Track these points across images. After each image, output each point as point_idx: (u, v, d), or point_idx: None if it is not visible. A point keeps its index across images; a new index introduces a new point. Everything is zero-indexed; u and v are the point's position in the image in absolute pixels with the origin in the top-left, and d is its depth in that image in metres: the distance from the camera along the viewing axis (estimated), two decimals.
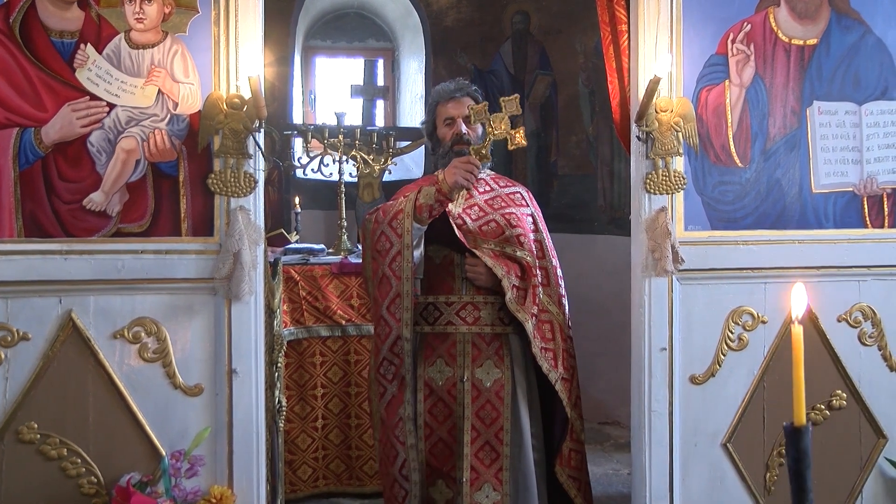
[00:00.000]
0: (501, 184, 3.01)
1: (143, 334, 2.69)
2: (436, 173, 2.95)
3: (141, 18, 2.67)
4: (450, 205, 2.84)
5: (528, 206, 2.97)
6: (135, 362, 2.69)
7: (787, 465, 1.26)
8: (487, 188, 2.97)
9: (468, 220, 2.84)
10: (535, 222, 2.94)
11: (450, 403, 2.82)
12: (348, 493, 3.94)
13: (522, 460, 2.84)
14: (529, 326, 2.76)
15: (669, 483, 2.95)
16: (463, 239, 2.80)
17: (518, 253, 2.81)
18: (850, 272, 3.04)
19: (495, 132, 2.68)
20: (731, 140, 2.97)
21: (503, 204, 2.90)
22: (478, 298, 2.84)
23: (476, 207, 2.88)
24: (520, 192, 3.00)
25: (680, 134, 2.89)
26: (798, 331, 1.27)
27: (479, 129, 2.86)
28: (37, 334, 2.63)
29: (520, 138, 2.69)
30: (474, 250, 2.79)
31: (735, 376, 2.99)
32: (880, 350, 3.07)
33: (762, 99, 2.99)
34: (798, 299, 1.31)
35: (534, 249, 2.87)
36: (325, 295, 3.88)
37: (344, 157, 4.57)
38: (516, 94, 2.75)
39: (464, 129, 2.86)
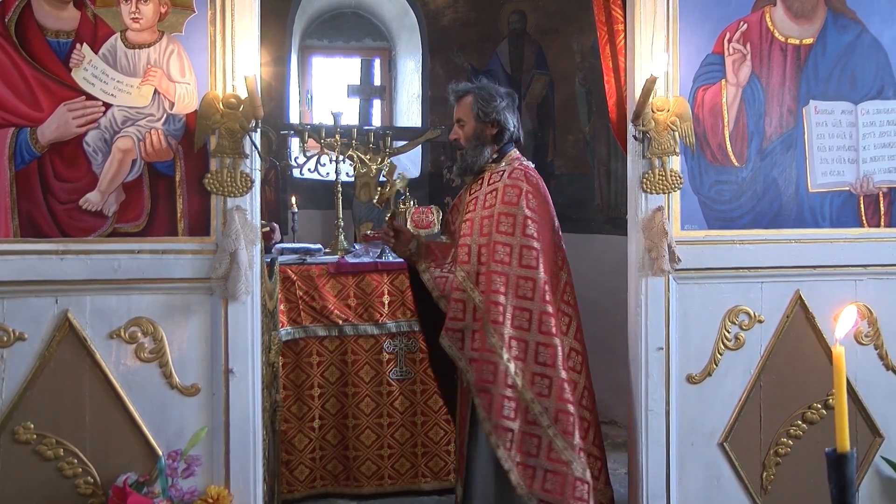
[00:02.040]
0: (492, 180, 2.98)
1: (139, 334, 2.69)
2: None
3: (137, 18, 2.67)
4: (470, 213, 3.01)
5: (494, 204, 2.89)
6: (131, 362, 2.69)
7: (831, 494, 1.23)
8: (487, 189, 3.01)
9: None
10: (493, 223, 2.86)
11: None
12: (345, 494, 3.93)
13: (477, 452, 2.89)
14: (444, 341, 2.88)
15: (666, 482, 2.95)
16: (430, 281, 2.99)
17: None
18: (847, 271, 3.04)
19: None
20: (727, 139, 2.97)
21: (468, 210, 3.01)
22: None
23: (467, 223, 3.00)
24: (496, 188, 2.93)
25: (676, 133, 2.89)
26: (840, 351, 1.20)
27: (460, 131, 3.05)
28: (33, 334, 2.63)
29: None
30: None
31: (731, 375, 2.99)
32: (876, 349, 3.08)
33: (759, 98, 2.99)
34: (846, 320, 1.26)
35: (465, 256, 2.90)
36: (321, 295, 3.88)
37: (341, 157, 4.57)
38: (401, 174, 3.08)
39: (452, 136, 3.08)
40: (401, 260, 3.81)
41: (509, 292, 2.79)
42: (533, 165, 3.06)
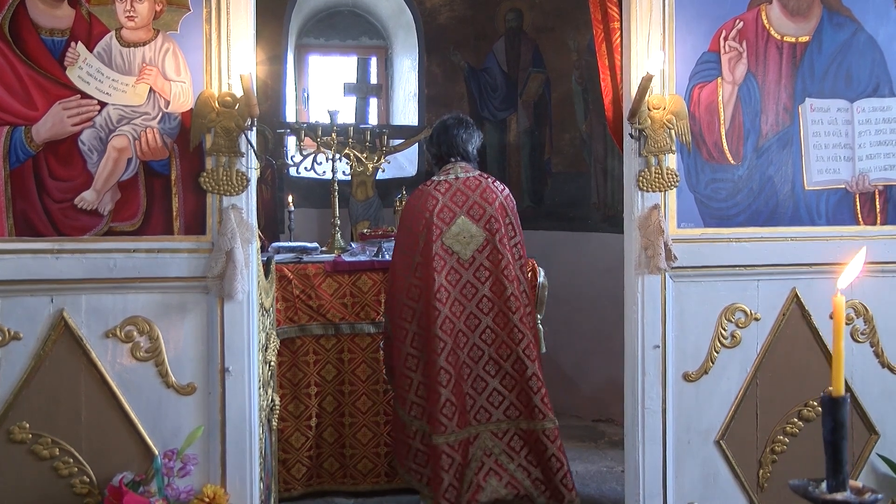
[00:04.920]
0: None
1: (135, 333, 2.68)
2: None
3: (132, 16, 2.66)
4: None
5: None
6: (127, 361, 2.68)
7: (823, 437, 1.27)
8: None
9: None
10: None
11: None
12: (342, 492, 3.93)
13: None
14: None
15: (663, 480, 2.96)
16: None
17: None
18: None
19: None
20: (723, 137, 2.98)
21: None
22: None
23: None
24: None
25: (672, 131, 2.89)
26: (840, 300, 1.28)
27: None
28: (28, 334, 2.62)
29: None
30: None
31: (728, 373, 2.99)
32: (872, 347, 3.08)
33: (755, 96, 2.99)
34: (853, 267, 1.34)
35: None
36: (318, 293, 3.88)
37: (337, 156, 4.56)
38: None
39: None
40: None
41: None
42: (437, 179, 3.37)
